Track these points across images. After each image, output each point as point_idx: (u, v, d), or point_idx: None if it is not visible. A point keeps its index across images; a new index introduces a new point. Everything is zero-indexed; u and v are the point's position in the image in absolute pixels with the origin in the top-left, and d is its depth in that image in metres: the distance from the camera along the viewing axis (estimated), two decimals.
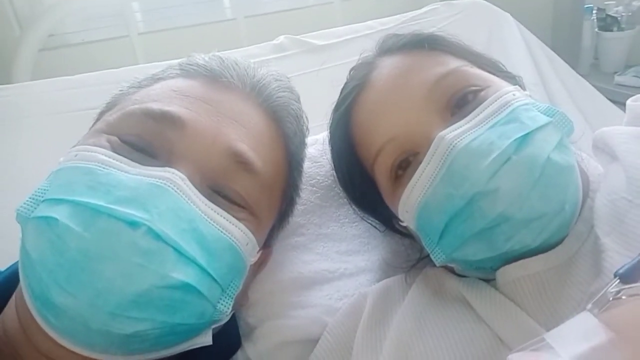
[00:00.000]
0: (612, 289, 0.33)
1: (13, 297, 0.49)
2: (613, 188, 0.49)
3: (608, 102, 1.08)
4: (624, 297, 0.32)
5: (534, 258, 0.48)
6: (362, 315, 0.57)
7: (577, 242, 0.49)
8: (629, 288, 0.33)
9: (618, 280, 0.34)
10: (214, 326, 0.50)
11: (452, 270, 0.57)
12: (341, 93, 0.65)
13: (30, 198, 0.44)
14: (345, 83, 0.65)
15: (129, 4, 1.27)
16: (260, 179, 0.53)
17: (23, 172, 0.76)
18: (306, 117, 0.64)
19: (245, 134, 0.53)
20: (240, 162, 0.51)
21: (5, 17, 1.34)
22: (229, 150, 0.51)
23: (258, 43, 1.05)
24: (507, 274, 0.49)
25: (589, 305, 0.32)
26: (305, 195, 0.74)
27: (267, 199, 0.55)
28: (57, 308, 0.41)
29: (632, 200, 0.45)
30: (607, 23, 1.58)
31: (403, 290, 0.59)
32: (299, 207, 0.72)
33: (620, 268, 0.34)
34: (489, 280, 0.52)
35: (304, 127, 0.64)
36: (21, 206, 0.44)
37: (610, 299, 0.32)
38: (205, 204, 0.47)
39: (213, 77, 0.56)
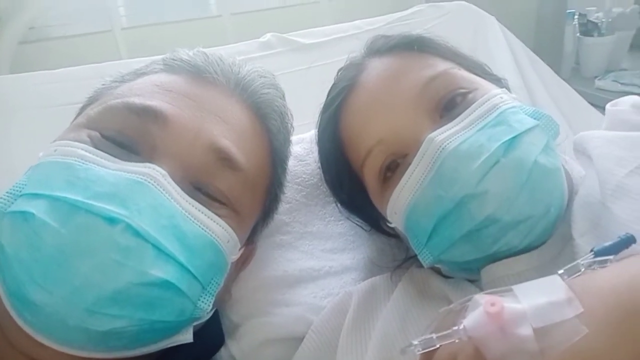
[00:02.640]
0: (585, 261, 0.35)
1: None
2: (589, 190, 0.51)
3: (589, 105, 1.11)
4: (596, 268, 0.35)
5: (517, 257, 0.49)
6: (347, 314, 0.57)
7: (560, 243, 0.50)
8: (600, 260, 0.35)
9: (593, 255, 0.36)
10: (195, 324, 0.50)
11: (437, 271, 0.57)
12: (329, 94, 0.65)
13: (7, 193, 0.44)
14: (334, 84, 0.65)
15: None
16: (243, 176, 0.53)
17: (4, 166, 0.75)
18: (291, 115, 0.64)
19: (228, 130, 0.52)
20: (223, 158, 0.51)
21: None
22: (211, 146, 0.50)
23: (243, 40, 1.04)
24: (491, 272, 0.50)
25: (560, 271, 0.35)
26: (291, 193, 0.74)
27: (250, 196, 0.55)
28: (33, 304, 0.40)
29: (604, 203, 0.47)
30: (588, 28, 1.61)
31: (388, 290, 0.59)
32: (284, 206, 0.72)
33: (597, 246, 0.37)
34: (474, 281, 0.53)
35: (289, 125, 0.64)
36: None
37: (582, 269, 0.34)
38: (186, 201, 0.47)
39: (197, 73, 0.56)
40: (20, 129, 0.81)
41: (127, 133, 0.48)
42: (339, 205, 0.70)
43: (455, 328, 0.33)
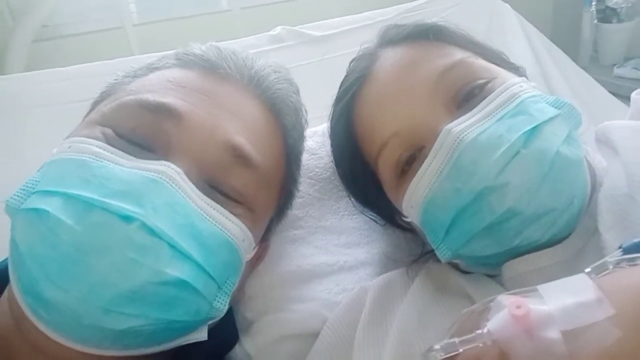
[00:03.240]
0: (613, 259, 0.33)
1: (5, 291, 0.48)
2: (615, 183, 0.49)
3: (609, 94, 1.08)
4: (624, 265, 0.33)
5: (540, 252, 0.47)
6: (363, 310, 0.56)
7: (584, 237, 0.48)
8: (630, 258, 0.33)
9: (621, 252, 0.34)
10: (209, 322, 0.50)
11: (455, 266, 0.56)
12: (342, 85, 0.64)
13: (20, 189, 0.43)
14: (346, 75, 0.64)
15: None
16: (258, 173, 0.52)
17: (17, 163, 0.75)
18: (305, 110, 0.63)
19: (243, 127, 0.52)
20: (238, 155, 0.50)
21: None
22: (226, 143, 0.50)
23: (254, 34, 1.04)
24: (512, 269, 0.48)
25: (588, 269, 0.33)
26: (304, 187, 0.73)
27: (265, 193, 0.54)
28: (48, 302, 0.40)
29: (633, 197, 0.45)
30: (607, 15, 1.58)
31: (405, 285, 0.58)
32: (297, 200, 0.71)
33: (626, 242, 0.35)
34: (494, 276, 0.51)
35: (303, 120, 0.63)
36: (11, 197, 0.43)
37: (611, 267, 0.33)
38: (202, 199, 0.46)
39: (210, 68, 0.55)
40: (32, 127, 0.81)
41: (141, 131, 0.48)
42: (352, 199, 0.69)
43: (479, 331, 0.31)
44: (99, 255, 0.39)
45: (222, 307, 0.47)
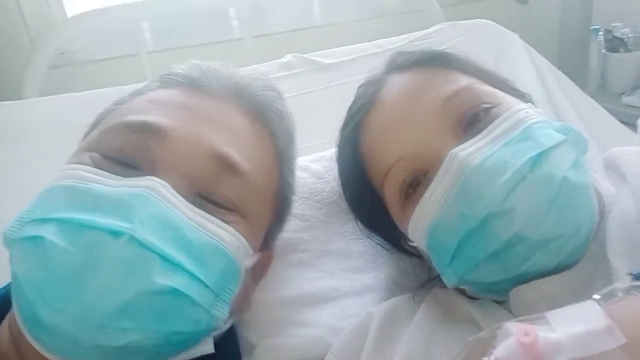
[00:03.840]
0: (623, 285, 0.32)
1: (7, 317, 0.48)
2: (624, 210, 0.48)
3: (617, 122, 1.07)
4: (635, 293, 0.32)
5: (548, 279, 0.46)
6: (368, 336, 0.55)
7: (593, 264, 0.47)
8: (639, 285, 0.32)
9: (631, 278, 0.33)
10: (213, 334, 0.49)
11: (462, 292, 0.55)
12: (349, 111, 0.64)
13: (16, 220, 0.44)
14: (354, 101, 0.65)
15: (138, 22, 1.28)
16: (249, 180, 0.52)
17: (30, 187, 0.76)
18: (291, 114, 0.63)
19: (228, 136, 0.52)
20: (225, 164, 0.51)
21: (17, 33, 1.37)
22: (212, 153, 0.50)
23: (265, 62, 1.05)
24: (520, 295, 0.47)
25: (596, 296, 0.32)
26: (310, 211, 0.73)
27: (258, 199, 0.54)
28: (47, 326, 0.40)
29: None
30: (614, 44, 1.59)
31: (411, 311, 0.57)
32: (303, 224, 0.71)
33: (636, 269, 0.34)
34: (502, 302, 0.51)
35: (290, 124, 0.63)
36: (8, 229, 0.44)
37: (620, 294, 0.32)
38: (191, 210, 0.47)
39: (191, 84, 0.56)
40: (41, 152, 0.82)
41: (127, 150, 0.49)
42: (359, 223, 0.69)
43: (486, 359, 0.31)
44: (92, 273, 0.40)
45: (222, 315, 0.47)
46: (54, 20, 1.44)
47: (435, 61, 0.60)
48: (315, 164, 0.78)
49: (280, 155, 0.60)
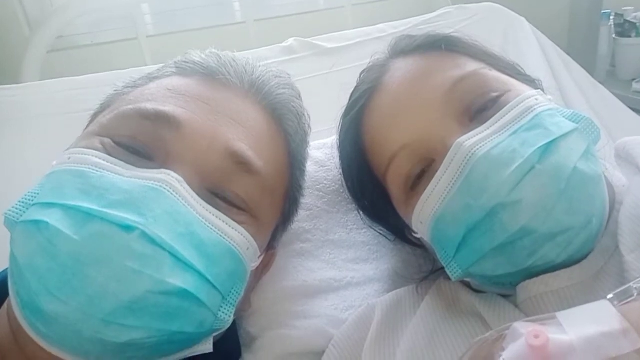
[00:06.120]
0: (638, 284, 0.31)
1: (5, 304, 0.47)
2: (637, 202, 0.47)
3: (627, 109, 1.05)
4: None
5: (556, 273, 0.45)
6: (370, 328, 0.55)
7: (603, 257, 0.46)
8: None
9: None
10: (215, 334, 0.48)
11: (467, 284, 0.54)
12: (351, 97, 0.63)
13: (19, 202, 0.43)
14: (356, 86, 0.63)
15: (138, 6, 1.26)
16: (261, 180, 0.51)
17: (30, 172, 0.75)
18: (308, 115, 0.62)
19: (244, 134, 0.51)
20: (240, 162, 0.49)
21: (15, 18, 1.35)
22: (227, 150, 0.49)
23: (267, 46, 1.03)
24: (527, 290, 0.46)
25: (610, 296, 0.31)
26: (312, 200, 0.72)
27: (268, 200, 0.53)
28: (47, 316, 0.39)
29: None
30: (625, 29, 1.55)
31: (414, 303, 0.56)
32: (304, 212, 0.70)
33: None
34: (508, 296, 0.49)
35: (306, 125, 0.62)
36: (10, 210, 0.42)
37: (635, 294, 0.30)
38: (204, 207, 0.46)
39: (210, 75, 0.55)
40: (40, 136, 0.82)
41: (140, 139, 0.47)
42: (361, 213, 0.68)
43: None
44: (99, 266, 0.39)
45: (227, 318, 0.46)
46: (52, 3, 1.42)
47: (440, 45, 0.57)
48: (317, 151, 0.76)
49: (293, 156, 0.59)
